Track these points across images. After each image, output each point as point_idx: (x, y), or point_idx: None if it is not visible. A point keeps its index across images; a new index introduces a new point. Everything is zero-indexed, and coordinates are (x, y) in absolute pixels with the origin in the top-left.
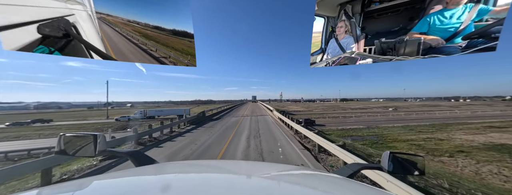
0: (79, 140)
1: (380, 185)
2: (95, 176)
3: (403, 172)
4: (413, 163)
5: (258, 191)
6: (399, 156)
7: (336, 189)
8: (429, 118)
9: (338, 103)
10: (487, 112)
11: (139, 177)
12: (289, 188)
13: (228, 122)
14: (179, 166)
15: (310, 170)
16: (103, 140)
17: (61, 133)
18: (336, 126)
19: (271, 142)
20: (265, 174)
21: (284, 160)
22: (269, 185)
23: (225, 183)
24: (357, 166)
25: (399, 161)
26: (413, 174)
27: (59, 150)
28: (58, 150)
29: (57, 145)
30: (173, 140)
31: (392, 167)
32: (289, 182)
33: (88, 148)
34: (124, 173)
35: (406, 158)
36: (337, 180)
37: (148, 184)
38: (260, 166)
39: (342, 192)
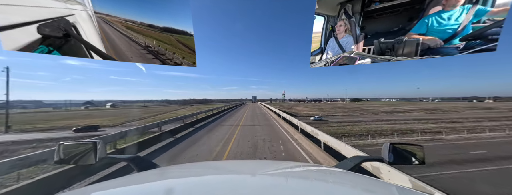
0: (78, 148)
1: (381, 176)
2: (97, 184)
3: (403, 162)
4: (413, 153)
5: (262, 190)
6: (398, 146)
7: (338, 183)
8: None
9: (350, 104)
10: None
11: (142, 182)
12: (293, 185)
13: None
14: (181, 169)
15: (311, 166)
16: (102, 146)
17: (59, 142)
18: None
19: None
20: (268, 172)
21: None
22: (273, 183)
23: (229, 184)
24: (358, 159)
25: (399, 151)
26: (413, 164)
27: (58, 159)
28: (57, 159)
29: (56, 155)
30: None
31: (392, 158)
32: (293, 178)
33: (88, 156)
34: (126, 179)
35: (405, 148)
36: (339, 174)
37: (151, 189)
38: (262, 164)
39: (344, 185)
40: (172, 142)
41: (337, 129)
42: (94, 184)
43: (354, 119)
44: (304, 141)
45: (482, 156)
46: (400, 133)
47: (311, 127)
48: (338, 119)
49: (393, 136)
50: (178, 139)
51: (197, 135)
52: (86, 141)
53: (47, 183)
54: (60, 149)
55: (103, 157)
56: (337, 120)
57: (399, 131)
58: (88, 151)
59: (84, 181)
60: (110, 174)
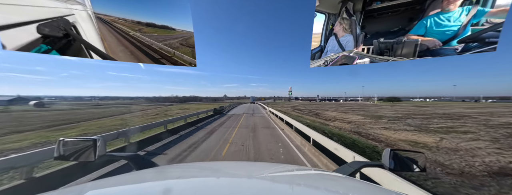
0: (78, 145)
1: (382, 182)
2: (95, 181)
3: (404, 169)
4: (414, 160)
5: (260, 192)
6: (399, 153)
7: (338, 188)
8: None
9: (384, 104)
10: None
11: (140, 181)
12: (291, 189)
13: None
14: (179, 169)
15: (311, 170)
16: (102, 144)
17: (60, 138)
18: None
19: None
20: (267, 174)
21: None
22: (271, 186)
23: (227, 185)
24: (358, 164)
25: (400, 158)
26: (414, 171)
27: (58, 155)
28: (57, 155)
29: (56, 150)
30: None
31: (393, 164)
32: (291, 182)
33: (87, 153)
34: (125, 177)
35: (406, 155)
36: (339, 179)
37: (149, 188)
38: (261, 166)
39: (344, 191)
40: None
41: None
42: (92, 182)
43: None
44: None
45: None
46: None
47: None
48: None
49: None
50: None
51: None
52: (86, 138)
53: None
54: (60, 145)
55: (103, 154)
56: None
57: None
58: (87, 148)
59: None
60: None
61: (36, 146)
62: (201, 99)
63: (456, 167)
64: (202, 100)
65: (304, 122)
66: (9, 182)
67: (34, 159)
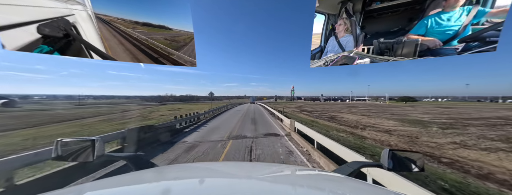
0: (77, 145)
1: (381, 182)
2: (94, 181)
3: (402, 169)
4: (412, 160)
5: (260, 193)
6: (398, 153)
7: (337, 188)
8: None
9: (399, 104)
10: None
11: (139, 181)
12: (290, 189)
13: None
14: (179, 169)
15: (310, 170)
16: (101, 144)
17: (58, 138)
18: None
19: None
20: (266, 175)
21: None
22: (271, 186)
23: (226, 185)
24: (357, 164)
25: (399, 158)
26: (412, 171)
27: (56, 155)
28: (55, 155)
29: (54, 151)
30: None
31: (391, 164)
32: (291, 182)
33: (86, 153)
34: (123, 178)
35: (405, 155)
36: (338, 179)
37: (148, 188)
38: (261, 167)
39: (343, 191)
40: None
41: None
42: (90, 182)
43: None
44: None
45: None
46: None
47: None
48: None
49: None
50: None
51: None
52: (84, 138)
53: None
54: (58, 146)
55: (101, 155)
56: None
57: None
58: (86, 148)
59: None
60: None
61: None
62: (198, 98)
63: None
64: (200, 99)
65: (326, 133)
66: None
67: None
